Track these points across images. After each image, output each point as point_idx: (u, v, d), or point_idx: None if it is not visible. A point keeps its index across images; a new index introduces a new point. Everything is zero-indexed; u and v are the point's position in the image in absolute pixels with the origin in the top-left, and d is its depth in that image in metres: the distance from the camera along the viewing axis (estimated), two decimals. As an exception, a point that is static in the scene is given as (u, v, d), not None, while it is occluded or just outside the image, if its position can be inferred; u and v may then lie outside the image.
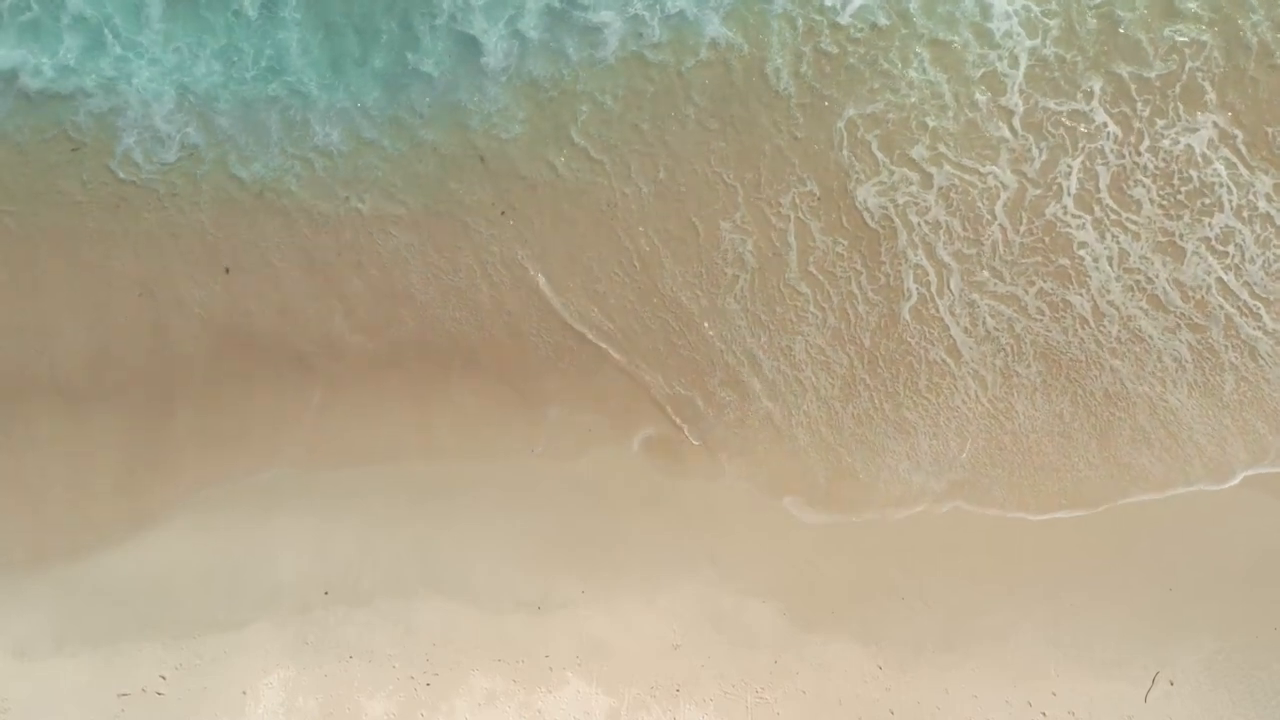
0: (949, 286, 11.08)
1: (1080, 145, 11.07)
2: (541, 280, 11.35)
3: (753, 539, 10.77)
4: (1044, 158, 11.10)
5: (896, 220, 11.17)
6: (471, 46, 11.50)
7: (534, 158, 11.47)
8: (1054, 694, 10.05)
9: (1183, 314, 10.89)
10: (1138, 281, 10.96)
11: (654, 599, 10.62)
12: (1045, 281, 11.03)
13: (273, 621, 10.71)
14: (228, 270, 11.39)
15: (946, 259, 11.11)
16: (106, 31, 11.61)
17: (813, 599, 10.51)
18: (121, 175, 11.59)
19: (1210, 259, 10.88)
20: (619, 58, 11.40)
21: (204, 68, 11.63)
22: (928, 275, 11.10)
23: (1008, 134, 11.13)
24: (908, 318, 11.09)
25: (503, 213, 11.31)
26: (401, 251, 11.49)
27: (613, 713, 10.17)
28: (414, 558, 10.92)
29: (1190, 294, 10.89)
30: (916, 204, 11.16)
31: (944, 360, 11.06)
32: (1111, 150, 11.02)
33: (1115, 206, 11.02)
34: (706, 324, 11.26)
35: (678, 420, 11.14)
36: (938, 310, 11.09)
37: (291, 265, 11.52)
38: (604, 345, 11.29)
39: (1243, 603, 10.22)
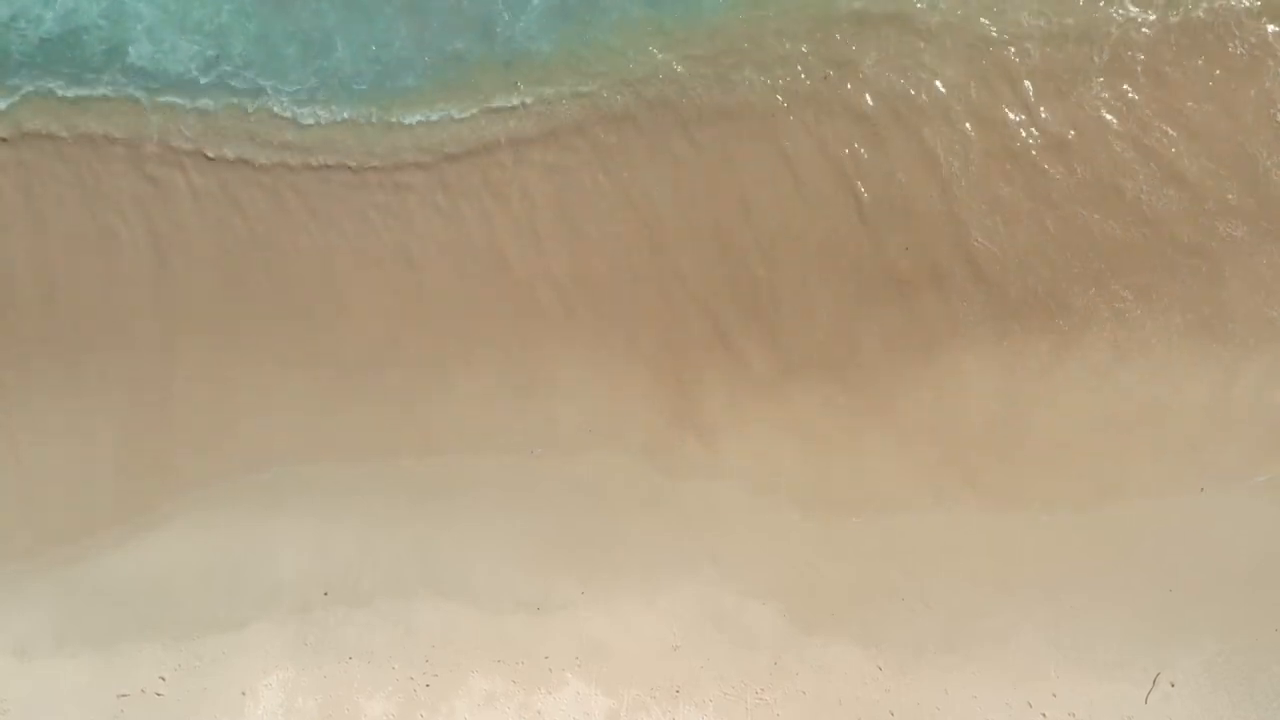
0: (972, 166, 10.83)
1: (1114, 18, 10.77)
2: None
3: (753, 539, 10.75)
4: (1075, 27, 10.81)
5: (914, 93, 11.09)
6: None
7: (558, 51, 11.69)
8: (1054, 695, 10.03)
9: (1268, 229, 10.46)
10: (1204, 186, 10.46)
11: (654, 600, 10.61)
12: (1083, 167, 10.73)
13: (272, 621, 10.71)
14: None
15: (970, 133, 10.91)
16: None
17: (813, 600, 10.49)
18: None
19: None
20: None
21: (209, 9, 11.40)
22: (955, 146, 10.95)
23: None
24: (937, 202, 10.87)
25: (518, 85, 11.48)
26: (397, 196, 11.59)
27: (612, 714, 10.16)
28: (414, 558, 10.92)
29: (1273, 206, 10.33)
30: (929, 76, 11.07)
31: (986, 248, 10.84)
32: (1149, 25, 10.65)
33: (1153, 91, 10.67)
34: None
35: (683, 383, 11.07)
36: (965, 193, 10.91)
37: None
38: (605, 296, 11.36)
39: (1244, 605, 10.19)
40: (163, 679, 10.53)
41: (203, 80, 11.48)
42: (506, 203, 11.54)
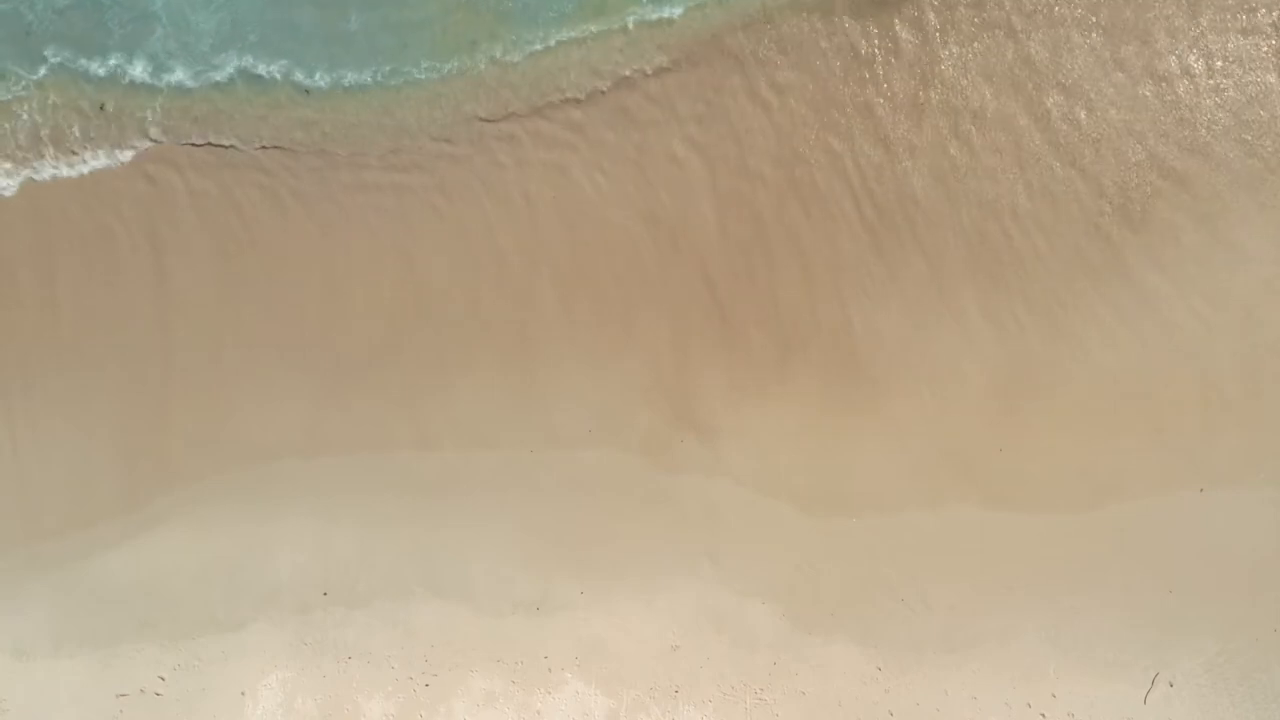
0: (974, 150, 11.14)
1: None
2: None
3: (752, 539, 10.75)
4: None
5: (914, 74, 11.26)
6: None
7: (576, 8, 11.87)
8: (1054, 695, 10.03)
9: None
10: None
11: (653, 600, 10.61)
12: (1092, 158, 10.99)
13: (271, 622, 10.71)
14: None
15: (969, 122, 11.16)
16: None
17: (812, 600, 10.48)
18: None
19: None
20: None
21: None
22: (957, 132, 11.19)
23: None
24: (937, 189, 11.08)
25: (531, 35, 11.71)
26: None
27: (611, 714, 10.16)
28: (413, 558, 10.91)
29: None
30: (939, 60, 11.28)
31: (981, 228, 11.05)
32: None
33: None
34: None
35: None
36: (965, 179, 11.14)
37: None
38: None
39: (1243, 605, 10.20)
40: (162, 679, 10.52)
41: (215, 58, 11.54)
42: (506, 203, 11.55)
